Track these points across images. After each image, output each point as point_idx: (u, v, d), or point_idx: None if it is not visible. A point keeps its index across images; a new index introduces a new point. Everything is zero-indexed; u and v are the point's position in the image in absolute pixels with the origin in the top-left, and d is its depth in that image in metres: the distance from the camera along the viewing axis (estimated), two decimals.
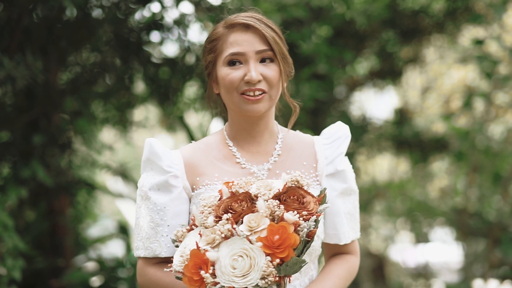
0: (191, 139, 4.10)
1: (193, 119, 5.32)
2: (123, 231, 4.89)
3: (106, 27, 3.60)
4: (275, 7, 3.90)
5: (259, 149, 1.84)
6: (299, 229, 1.52)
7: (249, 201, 1.58)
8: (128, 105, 4.52)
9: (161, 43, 3.90)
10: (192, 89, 4.35)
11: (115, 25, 3.59)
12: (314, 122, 4.55)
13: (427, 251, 7.86)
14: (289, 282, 1.58)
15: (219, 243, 1.54)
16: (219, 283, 1.50)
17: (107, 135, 5.09)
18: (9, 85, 3.13)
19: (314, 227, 1.54)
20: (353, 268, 1.91)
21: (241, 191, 1.61)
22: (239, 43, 1.76)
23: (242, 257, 1.50)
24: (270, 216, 1.54)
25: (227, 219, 1.54)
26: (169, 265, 1.62)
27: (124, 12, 3.57)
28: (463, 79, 5.52)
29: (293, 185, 1.60)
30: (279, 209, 1.53)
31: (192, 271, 1.53)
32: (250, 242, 1.51)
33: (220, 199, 1.64)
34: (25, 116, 3.74)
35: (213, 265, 1.52)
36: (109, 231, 5.48)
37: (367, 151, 5.62)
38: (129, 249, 4.69)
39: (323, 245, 1.92)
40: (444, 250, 8.14)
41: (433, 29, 5.04)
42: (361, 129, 5.09)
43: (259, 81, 1.74)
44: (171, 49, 4.10)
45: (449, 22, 4.94)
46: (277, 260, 1.49)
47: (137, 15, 3.73)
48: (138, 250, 1.81)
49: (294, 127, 1.95)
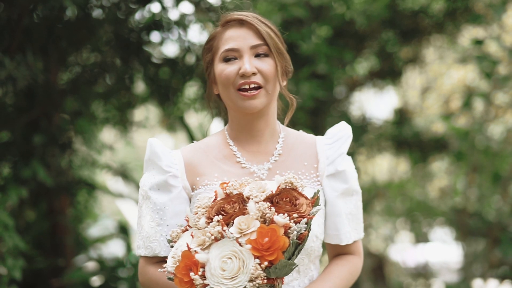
0: (191, 139, 4.10)
1: (193, 119, 5.32)
2: (123, 231, 4.90)
3: (106, 27, 3.59)
4: (275, 7, 3.91)
5: (259, 149, 1.83)
6: (289, 231, 1.51)
7: (241, 203, 1.57)
8: (128, 105, 4.52)
9: (161, 43, 3.89)
10: (192, 89, 4.35)
11: (116, 25, 3.59)
12: (314, 122, 4.55)
13: (427, 251, 7.86)
14: (282, 283, 1.57)
15: (210, 245, 1.53)
16: (209, 284, 1.50)
17: (108, 135, 5.09)
18: (10, 85, 3.13)
19: (305, 230, 1.52)
20: (355, 268, 1.89)
21: (235, 192, 1.60)
22: (234, 39, 1.77)
23: (231, 259, 1.49)
24: (261, 218, 1.52)
25: (218, 221, 1.53)
26: (163, 265, 1.62)
27: (124, 12, 3.57)
28: (462, 79, 5.51)
29: (287, 187, 1.59)
30: (270, 211, 1.52)
31: (182, 272, 1.52)
32: (239, 244, 1.50)
33: (214, 200, 1.63)
34: (26, 116, 3.73)
35: (203, 266, 1.52)
36: (109, 231, 5.48)
37: (367, 151, 5.62)
38: (129, 249, 4.70)
39: (326, 245, 1.91)
40: (443, 250, 8.14)
41: (432, 29, 5.04)
42: (361, 129, 5.08)
43: (254, 74, 1.74)
44: (171, 49, 4.10)
45: (448, 22, 4.94)
46: (265, 262, 1.48)
47: (137, 15, 3.73)
48: (139, 249, 1.82)
49: (294, 128, 1.95)
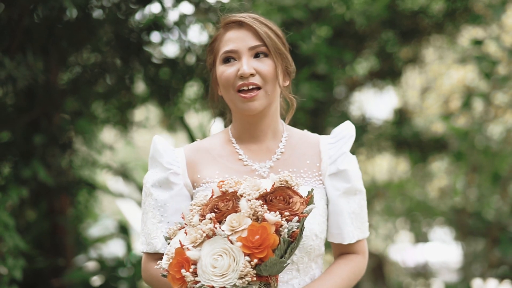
0: (192, 139, 4.11)
1: (194, 119, 5.33)
2: (123, 230, 4.91)
3: (106, 28, 3.60)
4: (274, 8, 3.91)
5: (261, 147, 1.84)
6: (280, 229, 1.51)
7: (235, 200, 1.57)
8: (128, 105, 4.53)
9: (161, 43, 3.90)
10: (192, 90, 4.35)
11: (116, 26, 3.59)
12: (314, 122, 4.55)
13: (427, 250, 7.86)
14: (277, 281, 1.58)
15: (202, 242, 1.54)
16: (200, 281, 1.50)
17: (108, 135, 5.09)
18: (10, 85, 3.14)
19: (297, 228, 1.52)
20: (358, 268, 1.88)
21: (230, 190, 1.60)
22: (233, 40, 1.78)
23: (222, 256, 1.50)
24: (253, 216, 1.52)
25: (210, 219, 1.54)
26: (158, 262, 1.63)
27: (124, 12, 3.57)
28: (462, 79, 5.52)
29: (282, 185, 1.59)
30: (262, 209, 1.52)
31: (175, 269, 1.53)
32: (230, 242, 1.50)
33: (210, 198, 1.63)
34: (26, 116, 3.74)
35: (195, 264, 1.52)
36: (109, 231, 5.49)
37: (366, 151, 5.61)
38: (129, 248, 4.70)
39: (331, 245, 1.91)
40: (443, 249, 8.14)
41: (432, 30, 5.04)
42: (360, 129, 5.08)
43: (252, 75, 1.75)
44: (171, 50, 4.10)
45: (448, 22, 4.94)
46: (255, 260, 1.48)
47: (138, 16, 3.73)
48: (141, 245, 1.84)
49: (294, 127, 1.95)
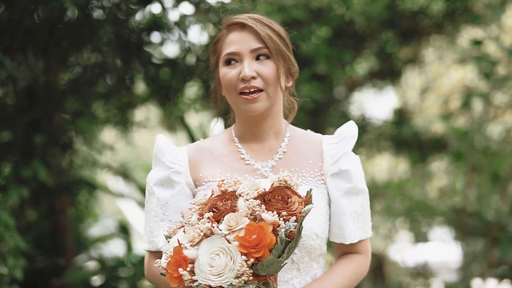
0: (192, 139, 4.11)
1: (194, 119, 5.33)
2: (123, 230, 4.91)
3: (107, 28, 3.60)
4: (274, 8, 3.91)
5: (264, 147, 1.85)
6: (278, 229, 1.51)
7: (233, 200, 1.58)
8: (129, 105, 4.53)
9: (161, 43, 3.90)
10: (192, 90, 4.36)
11: (116, 26, 3.59)
12: (313, 122, 4.55)
13: (426, 250, 7.88)
14: (275, 281, 1.58)
15: (200, 241, 1.54)
16: (197, 280, 1.51)
17: (108, 135, 5.10)
18: (11, 86, 3.14)
19: (294, 228, 1.52)
20: (360, 268, 1.87)
21: (230, 189, 1.61)
22: (235, 42, 1.78)
23: (219, 255, 1.50)
24: (251, 215, 1.53)
25: (208, 218, 1.55)
26: (156, 260, 1.64)
27: (125, 13, 3.58)
28: (462, 80, 5.53)
29: (281, 185, 1.59)
30: (260, 208, 1.52)
31: (172, 268, 1.54)
32: (228, 241, 1.51)
33: (210, 198, 1.64)
34: (26, 116, 3.74)
35: (193, 262, 1.53)
36: (109, 231, 5.50)
37: (366, 151, 5.62)
38: (129, 248, 4.71)
39: (334, 245, 1.91)
40: (443, 249, 8.15)
41: (432, 30, 5.05)
42: (360, 129, 5.05)
43: (254, 78, 1.75)
44: (171, 50, 4.11)
45: (448, 23, 4.95)
46: (252, 259, 1.48)
47: (138, 16, 3.74)
48: (144, 243, 1.86)
49: (297, 128, 1.95)
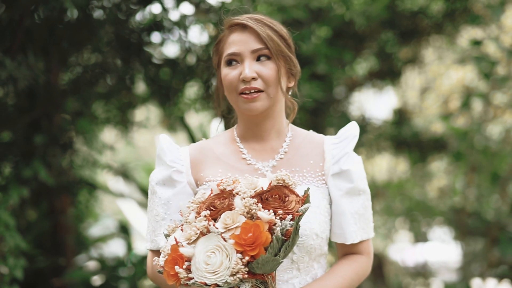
0: (192, 139, 4.12)
1: (194, 119, 5.34)
2: (124, 230, 4.92)
3: (107, 28, 3.61)
4: (274, 8, 3.92)
5: (265, 147, 1.86)
6: (274, 228, 1.52)
7: (231, 198, 1.58)
8: (129, 105, 4.54)
9: (161, 44, 3.91)
10: (192, 90, 4.36)
11: (116, 26, 3.60)
12: (313, 122, 4.56)
13: (426, 250, 7.87)
14: (273, 279, 1.58)
15: (197, 239, 1.55)
16: (193, 278, 1.51)
17: (108, 135, 5.10)
18: (11, 86, 3.15)
19: (290, 227, 1.52)
20: (361, 268, 1.87)
21: (228, 188, 1.61)
22: (236, 43, 1.79)
23: (215, 253, 1.51)
24: (248, 214, 1.53)
25: (205, 216, 1.55)
26: (154, 258, 1.65)
27: (125, 13, 3.59)
28: (461, 80, 5.52)
29: (279, 184, 1.59)
30: (256, 207, 1.53)
31: (169, 265, 1.54)
32: (224, 239, 1.51)
33: (209, 196, 1.64)
34: (27, 116, 3.75)
35: (189, 260, 1.53)
36: (110, 231, 5.51)
37: (366, 151, 5.63)
38: (130, 248, 4.72)
39: (336, 245, 1.91)
40: (442, 249, 8.15)
41: (431, 30, 5.06)
42: (360, 129, 5.07)
43: (254, 79, 1.76)
44: (171, 50, 4.12)
45: (447, 23, 4.96)
46: (247, 257, 1.49)
47: (138, 16, 3.74)
48: (146, 242, 1.86)
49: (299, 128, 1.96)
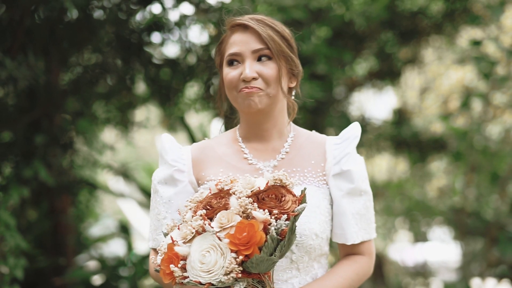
0: (192, 139, 4.13)
1: (194, 119, 5.35)
2: (124, 230, 4.93)
3: (107, 28, 3.61)
4: (274, 9, 3.92)
5: (267, 147, 1.86)
6: (269, 227, 1.52)
7: (227, 198, 1.59)
8: (129, 105, 4.54)
9: (162, 44, 3.92)
10: (192, 90, 4.37)
11: (116, 26, 3.61)
12: (313, 122, 4.57)
13: (426, 250, 7.89)
14: (270, 279, 1.59)
15: (192, 238, 1.55)
16: (188, 277, 1.52)
17: (109, 135, 5.11)
18: (11, 86, 3.16)
19: (285, 226, 1.53)
20: (362, 269, 1.87)
21: (226, 188, 1.62)
22: (237, 43, 1.80)
23: (209, 252, 1.51)
24: (243, 213, 1.54)
25: (201, 215, 1.56)
26: (151, 257, 1.65)
27: (125, 13, 3.59)
28: (461, 80, 5.52)
29: (276, 184, 1.60)
30: (252, 206, 1.53)
31: (165, 264, 1.55)
32: (219, 238, 1.52)
33: (207, 196, 1.65)
34: (27, 116, 3.75)
35: (184, 259, 1.54)
36: (110, 230, 5.52)
37: (366, 151, 5.63)
38: (130, 248, 4.72)
39: (338, 245, 1.91)
40: (442, 249, 8.16)
41: (431, 30, 5.06)
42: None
43: (255, 78, 1.76)
44: (172, 50, 4.12)
45: (447, 23, 4.96)
46: (241, 257, 1.49)
47: (138, 16, 3.75)
48: (148, 241, 1.88)
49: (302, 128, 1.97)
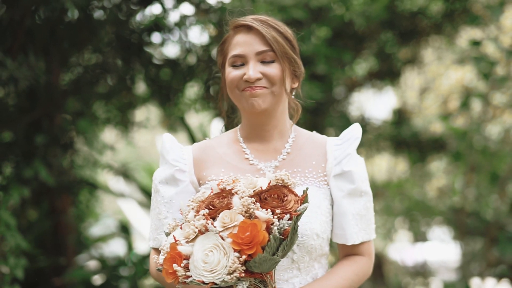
0: (192, 139, 4.13)
1: (194, 119, 5.35)
2: (124, 230, 4.94)
3: (107, 28, 3.62)
4: (274, 8, 3.93)
5: (268, 147, 1.87)
6: (271, 227, 1.53)
7: (230, 197, 1.59)
8: (129, 105, 4.54)
9: (162, 44, 3.92)
10: (192, 90, 4.37)
11: (117, 27, 3.61)
12: (313, 122, 4.57)
13: (425, 250, 7.88)
14: (271, 278, 1.59)
15: (195, 238, 1.56)
16: (191, 276, 1.52)
17: (109, 135, 5.11)
18: (12, 86, 3.16)
19: (288, 226, 1.53)
20: (362, 269, 1.87)
21: (228, 188, 1.62)
22: (241, 44, 1.80)
23: (212, 252, 1.52)
24: (246, 213, 1.54)
25: (203, 215, 1.56)
26: (153, 256, 1.65)
27: (125, 13, 3.60)
28: (460, 80, 5.52)
29: (278, 184, 1.60)
30: (254, 206, 1.54)
31: (168, 263, 1.55)
32: (222, 238, 1.52)
33: (209, 195, 1.65)
34: (28, 116, 3.76)
35: (187, 258, 1.54)
36: (110, 230, 5.52)
37: (366, 151, 5.64)
38: (130, 248, 4.73)
39: (337, 246, 1.91)
40: (442, 249, 8.15)
41: (431, 30, 5.07)
42: None
43: (259, 79, 1.77)
44: (172, 50, 4.13)
45: (447, 23, 4.97)
46: (244, 256, 1.49)
47: (138, 17, 3.75)
48: (149, 240, 1.88)
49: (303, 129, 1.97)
